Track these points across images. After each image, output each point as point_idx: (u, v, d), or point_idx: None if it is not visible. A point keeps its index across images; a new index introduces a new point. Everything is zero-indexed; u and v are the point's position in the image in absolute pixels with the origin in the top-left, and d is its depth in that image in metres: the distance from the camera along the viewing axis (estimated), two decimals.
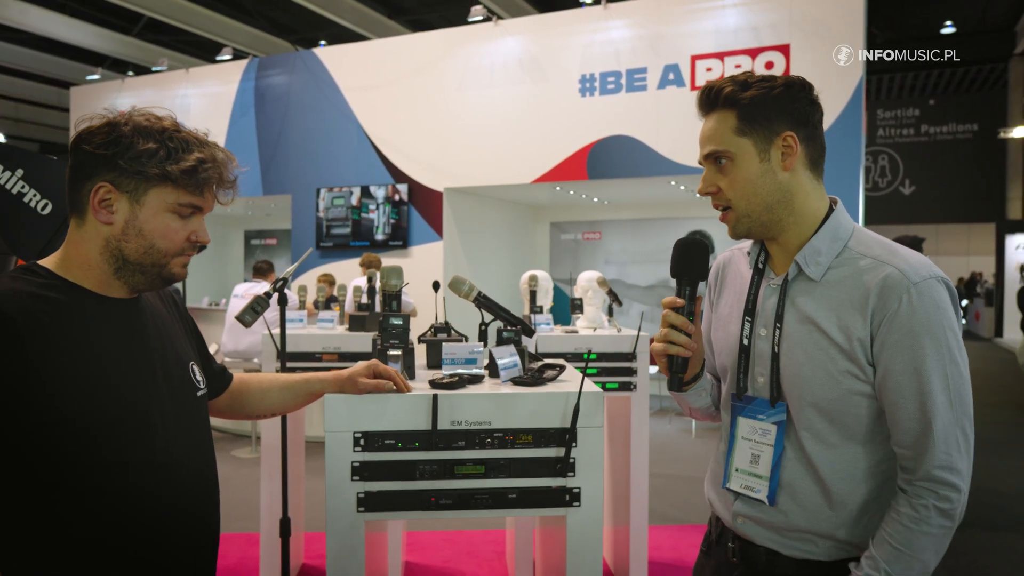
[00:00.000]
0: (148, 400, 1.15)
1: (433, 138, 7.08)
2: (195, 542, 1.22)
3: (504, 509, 1.62)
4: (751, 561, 1.27)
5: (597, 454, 1.64)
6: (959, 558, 3.93)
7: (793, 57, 5.80)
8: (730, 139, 1.21)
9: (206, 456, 1.27)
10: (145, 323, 1.21)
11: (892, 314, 1.13)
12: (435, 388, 1.63)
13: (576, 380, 1.71)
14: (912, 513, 1.12)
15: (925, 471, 1.12)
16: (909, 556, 1.11)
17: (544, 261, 9.46)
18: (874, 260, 1.18)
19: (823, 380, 1.18)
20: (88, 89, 9.63)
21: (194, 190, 1.15)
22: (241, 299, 5.94)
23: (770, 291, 1.27)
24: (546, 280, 3.59)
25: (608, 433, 3.91)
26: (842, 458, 1.19)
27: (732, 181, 1.22)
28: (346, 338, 3.34)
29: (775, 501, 1.22)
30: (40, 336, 1.04)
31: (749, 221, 1.24)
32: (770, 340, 1.24)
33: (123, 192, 1.13)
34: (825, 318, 1.18)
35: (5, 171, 1.73)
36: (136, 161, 1.11)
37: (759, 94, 1.20)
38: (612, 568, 3.79)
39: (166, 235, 1.15)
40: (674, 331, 1.24)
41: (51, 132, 19.63)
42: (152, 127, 1.13)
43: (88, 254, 1.15)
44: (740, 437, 1.29)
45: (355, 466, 1.58)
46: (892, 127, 19.79)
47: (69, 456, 1.05)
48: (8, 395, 1.01)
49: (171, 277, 1.19)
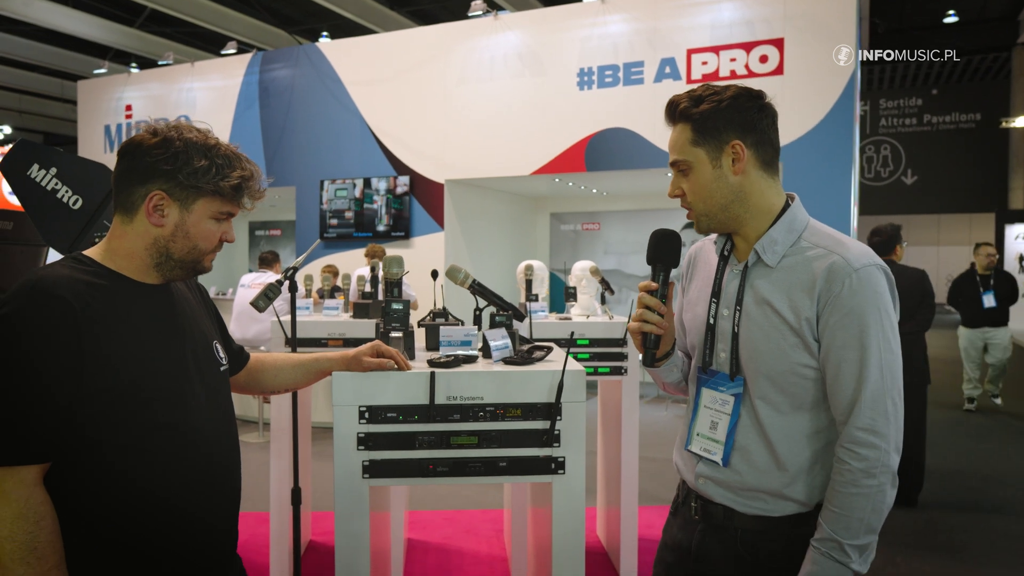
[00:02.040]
0: (180, 373, 1.31)
1: (434, 131, 7.21)
2: (223, 497, 1.38)
3: (495, 476, 1.79)
4: (710, 517, 1.42)
5: (580, 427, 1.80)
6: (937, 536, 4.10)
7: (787, 51, 5.92)
8: (687, 150, 1.38)
9: (229, 425, 1.44)
10: (175, 306, 1.37)
11: (835, 296, 1.28)
12: (433, 367, 1.79)
13: (561, 360, 1.87)
14: (840, 478, 1.27)
15: (849, 432, 1.27)
16: (847, 516, 1.25)
17: (544, 251, 9.61)
18: (824, 249, 1.33)
19: (775, 354, 1.33)
20: (95, 83, 9.76)
21: (234, 201, 1.34)
22: (248, 288, 6.11)
23: (732, 276, 1.43)
24: (541, 269, 3.75)
25: (601, 417, 4.07)
26: (790, 424, 1.34)
27: (691, 186, 1.39)
28: (351, 324, 3.51)
29: (728, 463, 1.39)
30: (89, 316, 1.20)
31: (708, 220, 1.41)
32: (731, 320, 1.40)
33: (175, 200, 1.30)
34: (778, 300, 1.33)
35: (40, 169, 1.89)
36: (192, 176, 1.28)
37: (708, 108, 1.35)
38: (605, 545, 3.96)
39: (206, 237, 1.33)
40: (648, 311, 1.41)
41: (55, 124, 19.75)
42: (200, 143, 1.30)
43: (132, 248, 1.31)
44: (703, 406, 1.45)
45: (360, 437, 1.75)
46: (894, 116, 19.80)
47: (112, 419, 1.21)
48: (65, 364, 1.17)
49: (202, 270, 1.38)
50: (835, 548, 1.26)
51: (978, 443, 6.32)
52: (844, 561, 1.26)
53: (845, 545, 1.25)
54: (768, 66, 5.99)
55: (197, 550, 1.32)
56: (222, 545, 1.39)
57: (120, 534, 1.23)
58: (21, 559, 1.13)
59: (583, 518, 1.84)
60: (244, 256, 11.76)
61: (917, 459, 4.55)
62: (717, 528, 1.41)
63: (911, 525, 4.24)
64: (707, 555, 1.43)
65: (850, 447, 1.27)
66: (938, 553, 3.83)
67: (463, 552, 3.87)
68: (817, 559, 1.27)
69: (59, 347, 1.16)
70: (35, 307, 1.16)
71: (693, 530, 1.46)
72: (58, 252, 1.92)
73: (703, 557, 1.43)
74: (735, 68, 6.07)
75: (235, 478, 1.42)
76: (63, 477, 1.20)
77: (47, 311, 1.16)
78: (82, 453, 1.20)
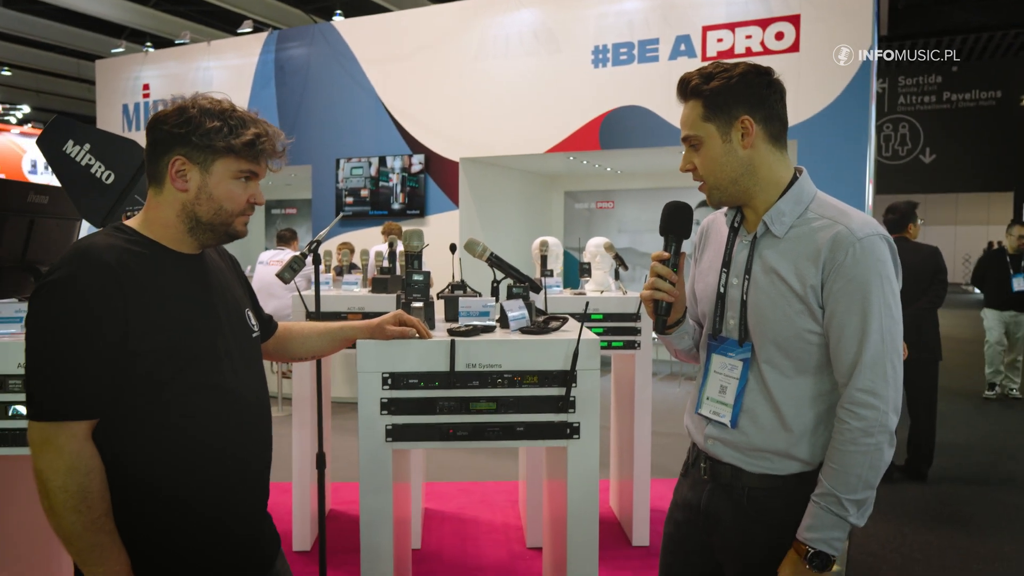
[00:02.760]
0: (216, 337, 1.38)
1: (449, 109, 7.24)
2: (257, 454, 1.46)
3: (513, 440, 1.86)
4: (719, 477, 1.50)
5: (594, 393, 1.86)
6: (945, 509, 4.15)
7: (803, 28, 5.89)
8: (699, 125, 1.43)
9: (262, 387, 1.51)
10: (209, 274, 1.44)
11: (839, 265, 1.34)
12: (453, 335, 1.86)
13: (576, 330, 1.94)
14: (840, 436, 1.34)
15: (849, 393, 1.33)
16: (846, 473, 1.32)
17: (558, 229, 9.64)
18: (829, 220, 1.39)
19: (782, 320, 1.39)
20: (112, 62, 9.84)
21: (252, 159, 1.38)
22: (267, 266, 6.21)
23: (742, 247, 1.48)
24: (556, 246, 3.80)
25: (614, 392, 4.14)
26: (795, 387, 1.41)
27: (703, 160, 1.45)
28: (369, 299, 3.59)
29: (737, 424, 1.45)
30: (133, 282, 1.27)
31: (719, 192, 1.47)
32: (740, 288, 1.46)
33: (195, 163, 1.34)
34: (785, 268, 1.39)
35: (75, 145, 1.96)
36: (205, 137, 1.32)
37: (719, 84, 1.40)
38: (617, 515, 4.05)
39: (231, 198, 1.38)
40: (660, 279, 1.47)
41: (71, 103, 19.88)
42: (214, 108, 1.35)
43: (166, 216, 1.38)
44: (713, 371, 1.51)
45: (383, 402, 1.82)
46: (913, 94, 19.51)
47: (154, 379, 1.29)
48: (112, 326, 1.24)
49: (235, 233, 1.42)
50: (834, 502, 1.33)
51: (989, 420, 6.35)
52: (842, 515, 1.33)
53: (843, 500, 1.32)
54: (784, 43, 5.96)
55: (233, 501, 1.40)
56: (256, 498, 1.47)
57: (161, 486, 1.31)
58: (73, 508, 1.22)
59: (597, 482, 1.92)
60: (260, 234, 11.87)
61: (928, 434, 4.59)
62: (725, 487, 1.48)
63: (920, 498, 4.30)
64: (715, 512, 1.50)
65: (850, 407, 1.33)
66: (945, 525, 3.89)
67: (479, 521, 3.97)
68: (817, 512, 1.34)
69: (107, 310, 1.24)
70: (84, 272, 1.24)
71: (703, 489, 1.53)
72: (92, 225, 2.00)
73: (712, 514, 1.51)
74: (751, 45, 6.04)
75: (268, 437, 1.50)
76: (109, 433, 1.28)
77: (95, 276, 1.24)
78: (127, 411, 1.28)
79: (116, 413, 1.27)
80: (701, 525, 1.54)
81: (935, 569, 3.38)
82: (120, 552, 1.26)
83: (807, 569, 1.34)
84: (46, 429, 1.23)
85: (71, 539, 1.23)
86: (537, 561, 3.45)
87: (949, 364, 9.03)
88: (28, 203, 2.00)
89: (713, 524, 1.51)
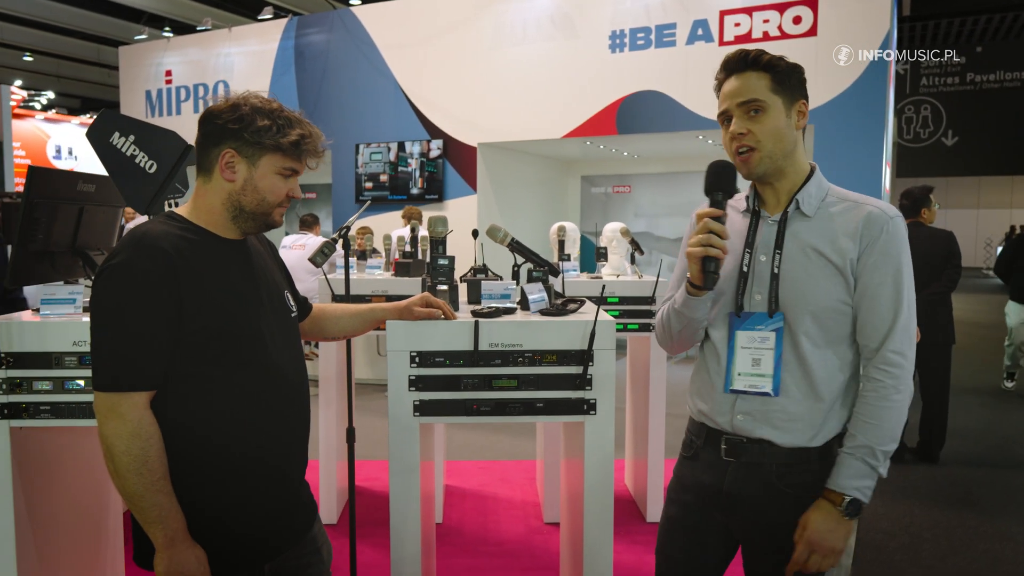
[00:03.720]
0: (259, 318, 1.50)
1: (467, 94, 7.31)
2: (298, 425, 1.58)
3: (533, 416, 1.97)
4: (744, 455, 1.55)
5: (610, 372, 1.97)
6: (955, 490, 4.23)
7: (821, 12, 5.89)
8: (766, 94, 1.50)
9: (301, 364, 1.63)
10: (252, 259, 1.56)
11: (875, 239, 1.49)
12: (476, 317, 1.97)
13: (593, 312, 2.04)
14: (874, 394, 1.47)
15: (882, 354, 1.47)
16: (879, 426, 1.46)
17: (575, 214, 9.71)
18: (854, 202, 1.54)
19: (819, 292, 1.50)
20: (135, 48, 9.98)
21: (295, 157, 1.49)
22: (289, 249, 6.35)
23: (768, 226, 1.58)
24: (573, 230, 3.89)
25: (630, 374, 4.24)
26: (825, 356, 1.52)
27: (763, 127, 1.50)
28: (393, 282, 3.70)
29: (779, 392, 1.52)
30: (185, 266, 1.39)
31: (770, 161, 1.52)
32: (770, 264, 1.54)
33: (243, 157, 1.45)
34: (822, 243, 1.51)
35: (120, 136, 2.08)
36: (256, 134, 1.43)
37: (789, 66, 1.53)
38: (632, 493, 4.16)
39: (273, 191, 1.49)
40: (713, 236, 1.49)
41: (93, 88, 20.09)
42: (265, 107, 1.46)
43: (212, 204, 1.49)
44: (740, 347, 1.57)
45: (411, 379, 1.94)
46: (936, 75, 19.21)
47: (205, 355, 1.41)
48: (168, 305, 1.36)
49: (273, 223, 1.54)
50: (868, 453, 1.46)
51: (1003, 405, 6.38)
52: (875, 464, 1.46)
53: (877, 451, 1.46)
54: (801, 27, 5.96)
55: (275, 469, 1.52)
56: (296, 466, 1.59)
57: (211, 454, 1.43)
58: (135, 471, 1.34)
59: (612, 456, 2.02)
60: None
61: (940, 418, 4.66)
62: (751, 465, 1.54)
63: (931, 480, 4.38)
64: (739, 491, 1.55)
65: (884, 367, 1.47)
66: (955, 506, 3.97)
67: (498, 497, 4.11)
68: (852, 463, 1.46)
69: (164, 291, 1.36)
70: (143, 257, 1.36)
71: (723, 470, 1.58)
72: (136, 212, 2.12)
73: (735, 493, 1.56)
74: (768, 30, 6.05)
75: (306, 410, 1.62)
76: (164, 405, 1.40)
77: (153, 260, 1.36)
78: (180, 384, 1.40)
79: (170, 386, 1.40)
80: (723, 505, 1.58)
81: (943, 548, 3.47)
82: (177, 512, 1.38)
83: (840, 516, 1.46)
84: (110, 399, 1.35)
85: (133, 499, 1.35)
86: (554, 535, 3.58)
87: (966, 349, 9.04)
88: (78, 192, 2.12)
89: (737, 503, 1.56)
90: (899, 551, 3.43)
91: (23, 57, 16.73)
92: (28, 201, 1.96)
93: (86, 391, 1.99)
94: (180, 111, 9.41)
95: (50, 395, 1.98)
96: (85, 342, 1.97)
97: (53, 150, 14.45)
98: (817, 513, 1.47)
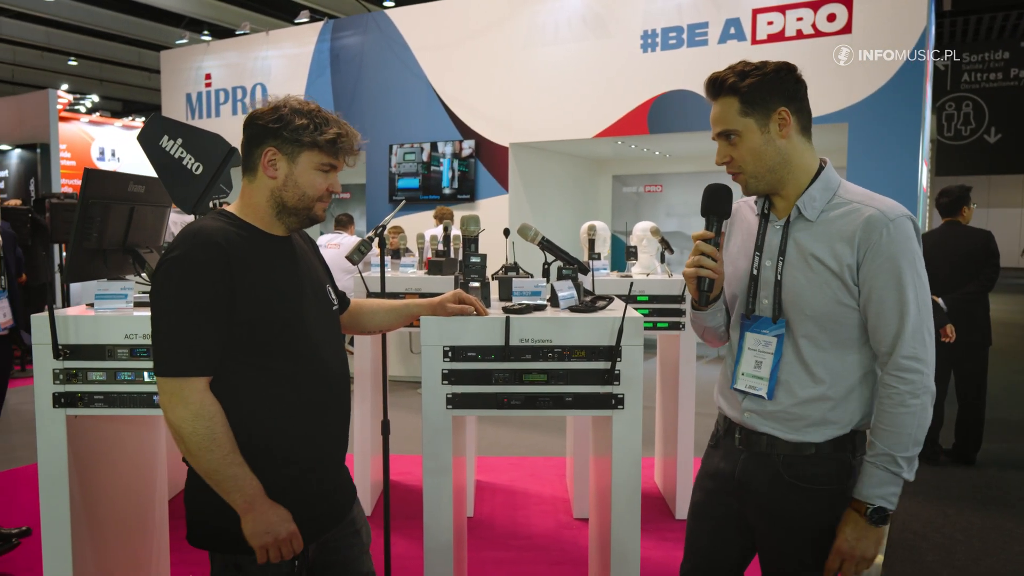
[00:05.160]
0: (304, 310, 1.58)
1: (499, 95, 7.37)
2: (339, 410, 1.66)
3: (562, 410, 2.02)
4: (754, 445, 1.61)
5: (638, 367, 2.01)
6: (991, 492, 4.17)
7: (855, 9, 5.83)
8: (736, 120, 1.54)
9: (342, 353, 1.71)
10: (296, 254, 1.64)
11: (874, 244, 1.46)
12: (507, 313, 2.03)
13: (620, 309, 2.08)
14: (889, 400, 1.47)
15: (895, 361, 1.46)
16: (897, 433, 1.46)
17: (606, 213, 9.72)
18: (858, 204, 1.51)
19: (819, 297, 1.52)
20: (176, 52, 10.25)
21: (332, 154, 1.57)
22: (325, 248, 6.47)
23: (774, 231, 1.60)
24: (604, 229, 3.93)
25: (659, 372, 4.26)
26: (831, 358, 1.54)
27: (741, 152, 1.55)
28: (426, 280, 3.78)
29: (773, 396, 1.58)
30: (237, 260, 1.48)
31: (757, 181, 1.58)
32: (774, 269, 1.58)
33: (284, 155, 1.54)
34: (821, 249, 1.52)
35: (169, 140, 2.18)
36: (294, 132, 1.52)
37: (755, 80, 1.52)
38: (661, 490, 4.19)
39: (312, 185, 1.57)
40: (704, 257, 1.59)
41: (134, 91, 20.60)
42: (303, 108, 1.55)
43: (258, 201, 1.58)
44: (747, 348, 1.63)
45: (444, 373, 2.00)
46: (978, 71, 18.73)
47: (255, 343, 1.50)
48: (223, 296, 1.46)
49: (315, 217, 1.62)
50: (890, 461, 1.46)
51: None
52: (897, 471, 1.46)
53: (898, 458, 1.46)
54: (836, 25, 5.91)
55: (320, 449, 1.61)
56: (338, 451, 1.68)
57: (260, 437, 1.52)
58: (206, 449, 1.43)
59: (640, 451, 2.06)
60: None
61: (977, 419, 4.59)
62: (760, 455, 1.60)
63: (966, 481, 4.32)
64: (749, 480, 1.62)
65: (897, 373, 1.46)
66: (991, 508, 3.92)
67: (528, 493, 4.16)
68: (874, 472, 1.48)
69: (218, 283, 1.45)
70: (200, 250, 1.45)
71: (737, 459, 1.65)
72: (184, 212, 2.22)
73: (746, 482, 1.62)
74: (801, 28, 6.01)
75: (348, 396, 1.70)
76: (219, 391, 1.49)
77: (208, 253, 1.45)
78: (232, 372, 1.49)
79: (223, 374, 1.48)
80: (735, 493, 1.64)
81: (976, 550, 3.43)
82: (252, 479, 1.47)
83: (867, 525, 1.47)
84: (173, 383, 1.44)
85: (209, 474, 1.45)
86: (583, 531, 3.63)
87: (1005, 350, 8.84)
88: (129, 192, 2.23)
89: (747, 491, 1.62)
90: (932, 552, 3.41)
91: (68, 62, 17.24)
92: (84, 201, 2.07)
93: (136, 382, 2.09)
94: (219, 113, 9.64)
95: (103, 385, 2.09)
96: (136, 335, 2.08)
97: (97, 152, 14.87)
98: (846, 523, 1.50)
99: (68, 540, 2.13)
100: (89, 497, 2.23)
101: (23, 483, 4.33)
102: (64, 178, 13.29)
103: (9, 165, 13.63)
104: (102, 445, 2.31)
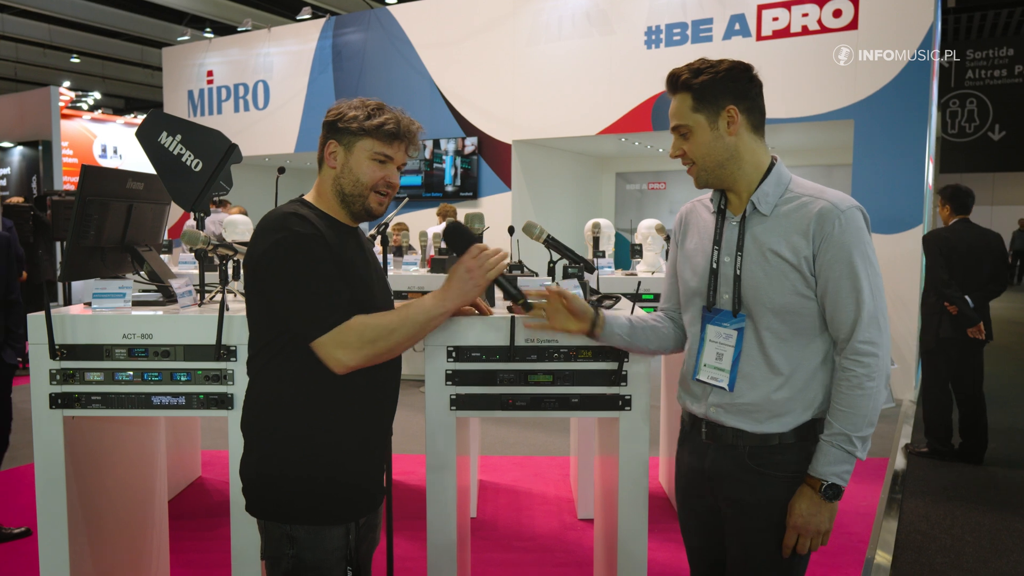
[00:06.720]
0: (374, 294, 1.63)
1: (502, 92, 7.34)
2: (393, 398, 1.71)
3: (568, 411, 1.99)
4: (720, 439, 1.63)
5: (644, 368, 1.97)
6: (998, 492, 4.13)
7: (861, 5, 5.78)
8: (688, 116, 1.58)
9: None
10: (363, 243, 1.71)
11: (828, 235, 1.50)
12: (512, 312, 1.99)
13: (628, 308, 2.04)
14: (847, 383, 1.51)
15: (852, 346, 1.50)
16: (853, 413, 1.50)
17: (609, 211, 9.68)
18: (810, 197, 1.55)
19: (779, 290, 1.54)
20: (178, 49, 10.22)
21: (384, 141, 1.60)
22: None
23: (731, 227, 1.62)
24: (608, 227, 3.89)
25: (664, 373, 4.22)
26: (792, 348, 1.56)
27: (691, 147, 1.60)
28: (429, 278, 3.75)
29: (734, 388, 1.59)
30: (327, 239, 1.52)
31: (706, 175, 1.62)
32: (732, 265, 1.60)
33: (341, 145, 1.61)
34: (777, 242, 1.54)
35: (168, 136, 2.14)
36: (348, 122, 1.60)
37: (707, 78, 1.55)
38: (667, 491, 4.15)
39: (366, 173, 1.61)
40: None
41: (137, 88, 20.61)
42: (359, 103, 1.62)
43: (326, 191, 1.64)
44: (708, 340, 1.64)
45: (448, 373, 1.97)
46: (983, 68, 18.65)
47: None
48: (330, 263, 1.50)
49: (371, 210, 1.64)
50: (845, 440, 1.50)
51: None
52: (851, 450, 1.50)
53: (853, 437, 1.50)
54: (842, 20, 5.86)
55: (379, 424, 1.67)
56: (389, 431, 1.74)
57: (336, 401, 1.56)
58: (384, 337, 1.51)
59: (647, 453, 2.03)
60: None
61: (979, 417, 4.55)
62: (727, 447, 1.62)
63: (974, 481, 4.28)
64: (718, 471, 1.63)
65: (854, 357, 1.50)
66: (998, 508, 3.88)
67: (532, 493, 4.13)
68: (829, 451, 1.51)
69: (324, 253, 1.51)
70: (301, 227, 1.51)
71: (705, 452, 1.66)
72: (183, 209, 2.19)
73: (715, 475, 1.64)
74: (807, 23, 5.96)
75: (399, 381, 1.74)
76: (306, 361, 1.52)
77: (309, 229, 1.51)
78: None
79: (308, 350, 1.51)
80: (706, 487, 1.66)
81: (985, 550, 3.39)
82: (421, 301, 1.58)
83: (821, 500, 1.51)
84: (328, 340, 1.49)
85: (412, 335, 1.55)
86: (587, 531, 3.59)
87: (1010, 348, 8.79)
88: (127, 189, 2.19)
89: (717, 483, 1.64)
90: (940, 553, 3.37)
91: (70, 59, 17.23)
92: (82, 198, 2.04)
93: (134, 382, 2.06)
94: (221, 110, 9.60)
95: (101, 386, 2.06)
96: (135, 335, 2.04)
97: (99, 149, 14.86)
98: (800, 498, 1.54)
99: (65, 542, 2.10)
100: (87, 498, 2.20)
101: (23, 483, 4.30)
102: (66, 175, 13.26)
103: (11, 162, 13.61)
104: (100, 446, 2.28)
